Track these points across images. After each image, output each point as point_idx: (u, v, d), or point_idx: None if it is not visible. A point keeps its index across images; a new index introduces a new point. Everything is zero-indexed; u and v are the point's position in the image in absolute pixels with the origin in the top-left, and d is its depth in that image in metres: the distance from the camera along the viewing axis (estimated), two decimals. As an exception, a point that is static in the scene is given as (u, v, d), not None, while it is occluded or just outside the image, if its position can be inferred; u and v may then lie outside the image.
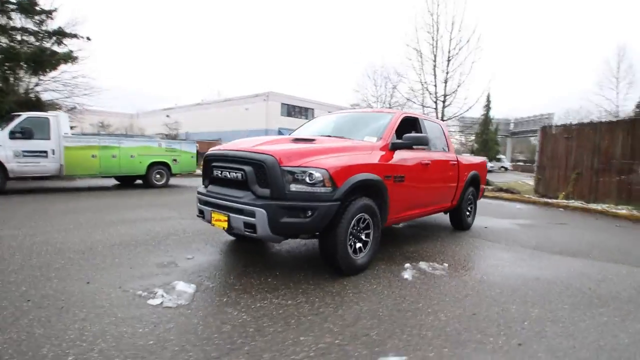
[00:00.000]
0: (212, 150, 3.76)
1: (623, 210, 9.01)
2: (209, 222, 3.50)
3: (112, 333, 2.12)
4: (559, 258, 4.43)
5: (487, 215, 7.63)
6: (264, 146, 3.29)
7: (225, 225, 3.24)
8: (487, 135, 40.50)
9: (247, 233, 3.11)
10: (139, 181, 10.93)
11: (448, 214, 5.94)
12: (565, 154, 11.90)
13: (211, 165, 3.59)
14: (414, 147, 4.14)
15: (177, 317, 2.38)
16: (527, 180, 21.44)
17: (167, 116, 39.39)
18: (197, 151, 11.76)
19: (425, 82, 18.99)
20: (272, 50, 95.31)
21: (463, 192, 5.66)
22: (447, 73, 18.86)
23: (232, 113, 31.39)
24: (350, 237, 3.31)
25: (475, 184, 6.12)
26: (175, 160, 10.84)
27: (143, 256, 3.69)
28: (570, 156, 11.72)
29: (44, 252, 3.67)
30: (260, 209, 2.98)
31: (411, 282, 3.31)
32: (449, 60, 18.64)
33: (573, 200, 10.73)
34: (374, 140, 3.94)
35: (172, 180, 11.62)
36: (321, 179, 3.02)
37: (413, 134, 4.01)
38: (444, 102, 19.39)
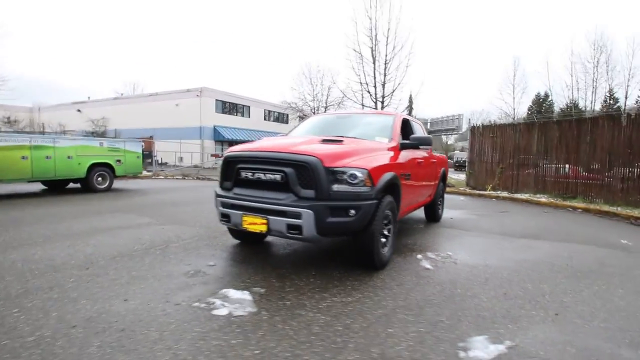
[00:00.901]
0: (236, 151, 3.61)
1: (543, 198, 10.71)
2: (238, 226, 3.37)
3: (210, 349, 2.00)
4: (526, 241, 5.19)
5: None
6: (302, 147, 3.29)
7: (264, 228, 3.17)
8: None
9: (291, 235, 3.09)
10: (72, 185, 9.65)
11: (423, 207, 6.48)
12: (491, 151, 13.61)
13: (237, 167, 3.45)
14: (420, 147, 4.48)
15: (259, 324, 2.31)
16: (450, 174, 23.87)
17: (79, 110, 34.86)
18: (143, 151, 10.77)
19: (365, 83, 19.94)
20: (201, 46, 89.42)
21: (438, 187, 6.23)
22: (385, 76, 20.09)
23: (163, 109, 29.01)
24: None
25: (444, 180, 6.78)
26: (119, 161, 9.79)
27: (160, 267, 3.40)
28: (495, 153, 13.43)
29: (37, 272, 3.14)
30: (307, 210, 2.99)
31: (434, 270, 3.62)
32: (386, 64, 19.84)
33: (500, 191, 12.39)
34: (385, 140, 4.16)
35: (116, 184, 10.47)
36: (363, 178, 3.14)
37: (419, 135, 4.35)
38: (382, 102, 20.61)
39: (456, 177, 18.37)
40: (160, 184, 12.37)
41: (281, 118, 37.04)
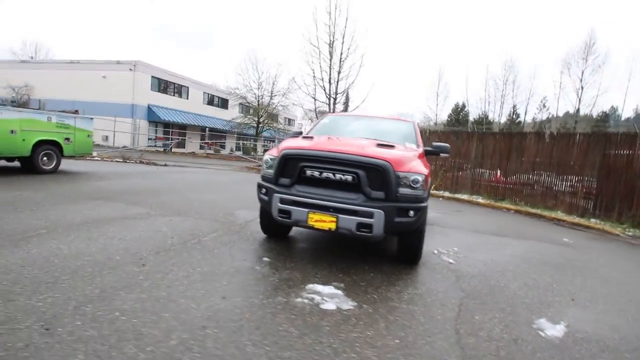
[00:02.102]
0: (298, 149, 3.65)
1: (479, 199, 12.33)
2: (299, 222, 3.45)
3: (357, 341, 2.16)
4: (499, 239, 6.12)
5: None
6: (371, 150, 3.51)
7: (333, 226, 3.32)
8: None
9: (360, 233, 3.31)
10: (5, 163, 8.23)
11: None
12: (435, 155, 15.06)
13: (300, 164, 3.51)
14: (440, 154, 4.99)
15: (374, 317, 2.52)
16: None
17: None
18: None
19: (320, 79, 20.25)
20: (133, 17, 78.67)
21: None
22: (339, 73, 20.64)
23: (87, 80, 25.39)
24: (419, 232, 3.90)
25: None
26: (68, 139, 8.58)
27: (217, 262, 3.31)
28: (439, 156, 14.92)
29: (91, 269, 2.83)
30: (379, 211, 3.25)
31: (458, 264, 4.15)
32: (341, 62, 20.38)
33: (442, 191, 13.87)
34: (414, 147, 4.56)
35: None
36: (422, 183, 3.49)
37: (439, 143, 4.84)
38: (335, 99, 21.15)
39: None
40: (107, 168, 11.11)
41: (222, 103, 35.38)
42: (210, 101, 35.20)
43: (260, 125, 31.19)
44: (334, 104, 20.81)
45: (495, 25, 67.15)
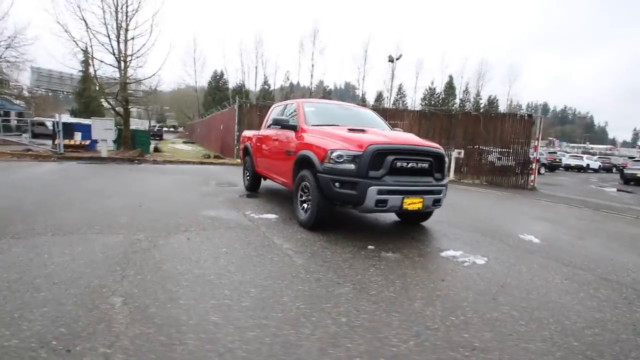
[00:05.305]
0: (387, 144, 4.02)
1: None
2: (394, 208, 4.01)
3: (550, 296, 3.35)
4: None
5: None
6: (428, 142, 4.42)
7: (420, 205, 4.12)
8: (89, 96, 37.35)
9: (434, 207, 4.31)
10: None
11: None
12: (258, 125, 16.11)
13: (390, 157, 3.95)
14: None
15: (510, 267, 3.69)
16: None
17: None
18: None
19: (106, 35, 16.19)
20: None
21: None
22: (127, 31, 17.26)
23: None
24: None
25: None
26: None
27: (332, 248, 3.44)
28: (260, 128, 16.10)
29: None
30: (445, 188, 4.36)
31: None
32: (127, 15, 17.06)
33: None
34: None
35: None
36: (445, 165, 4.80)
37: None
38: (125, 61, 17.80)
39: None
40: None
41: None
42: None
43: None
44: (125, 66, 17.26)
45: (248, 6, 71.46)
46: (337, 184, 3.99)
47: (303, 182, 4.53)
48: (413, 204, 4.09)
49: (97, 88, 16.27)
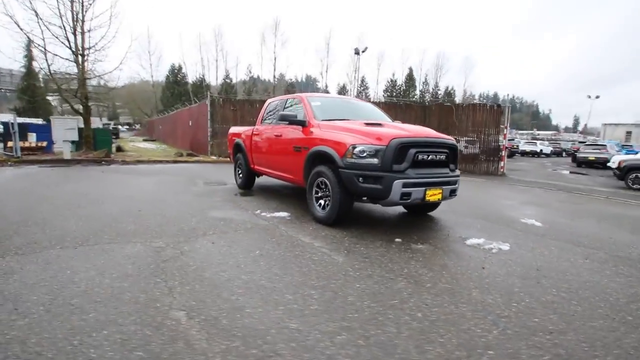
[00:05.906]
0: (409, 137, 4.02)
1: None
2: (416, 200, 4.05)
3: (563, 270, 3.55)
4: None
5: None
6: (443, 134, 4.49)
7: (440, 196, 4.22)
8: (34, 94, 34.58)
9: (450, 197, 4.41)
10: None
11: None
12: (233, 120, 15.64)
13: (412, 150, 3.97)
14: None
15: (532, 255, 3.89)
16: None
17: None
18: None
19: (61, 26, 14.93)
20: None
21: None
22: (84, 22, 16.03)
23: None
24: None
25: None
26: None
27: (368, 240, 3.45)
28: (237, 123, 15.66)
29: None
30: (459, 179, 4.48)
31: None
32: (83, 7, 15.85)
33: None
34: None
35: None
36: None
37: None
38: (83, 55, 16.53)
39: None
40: None
41: None
42: None
43: None
44: (83, 60, 15.97)
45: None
46: (360, 178, 3.96)
47: (319, 178, 4.46)
48: (434, 195, 4.16)
49: (55, 85, 14.83)
